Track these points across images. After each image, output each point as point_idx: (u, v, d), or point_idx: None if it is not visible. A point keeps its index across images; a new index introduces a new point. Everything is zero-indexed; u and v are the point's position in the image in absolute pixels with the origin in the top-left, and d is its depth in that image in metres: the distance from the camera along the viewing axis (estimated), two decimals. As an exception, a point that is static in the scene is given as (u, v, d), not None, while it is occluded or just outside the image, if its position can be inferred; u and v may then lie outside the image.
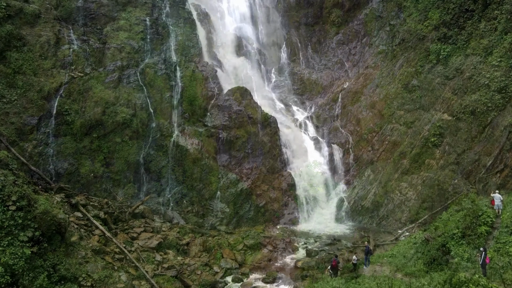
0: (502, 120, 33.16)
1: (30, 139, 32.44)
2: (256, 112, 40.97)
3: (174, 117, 39.68)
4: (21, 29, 34.83)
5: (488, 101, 34.43)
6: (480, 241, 17.19)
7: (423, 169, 37.68)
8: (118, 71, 38.27)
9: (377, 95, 47.36)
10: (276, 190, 39.51)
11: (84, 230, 24.22)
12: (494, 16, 38.47)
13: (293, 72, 54.21)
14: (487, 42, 37.35)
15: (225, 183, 37.89)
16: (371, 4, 59.49)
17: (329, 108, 48.87)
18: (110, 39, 40.70)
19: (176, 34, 44.65)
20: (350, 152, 43.84)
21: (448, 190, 34.31)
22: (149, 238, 27.31)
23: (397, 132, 41.90)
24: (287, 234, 35.62)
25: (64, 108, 34.16)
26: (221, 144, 38.96)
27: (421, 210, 35.59)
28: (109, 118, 35.90)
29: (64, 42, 37.68)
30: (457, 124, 36.99)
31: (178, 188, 37.13)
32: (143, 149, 37.19)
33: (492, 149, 32.56)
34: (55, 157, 33.15)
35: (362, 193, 40.92)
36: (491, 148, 32.71)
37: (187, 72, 42.00)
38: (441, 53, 42.61)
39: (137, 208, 31.93)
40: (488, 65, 35.96)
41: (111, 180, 35.18)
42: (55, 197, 25.56)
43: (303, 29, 60.70)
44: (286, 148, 41.95)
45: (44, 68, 34.91)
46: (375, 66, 53.99)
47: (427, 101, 42.81)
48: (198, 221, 35.50)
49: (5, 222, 17.86)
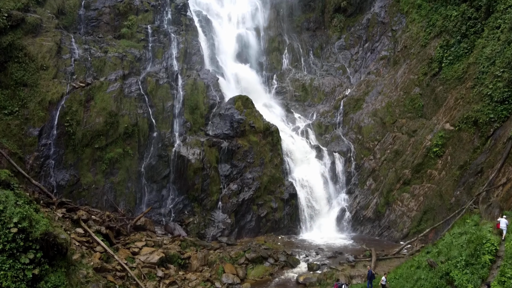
0: (505, 131, 32.95)
1: (32, 151, 32.45)
2: (258, 121, 40.88)
3: (176, 126, 39.62)
4: (22, 40, 34.78)
5: (491, 112, 34.18)
6: (484, 271, 17.08)
7: (425, 180, 37.56)
8: (120, 80, 38.20)
9: (379, 103, 47.23)
10: (278, 200, 39.43)
11: (86, 247, 24.20)
12: (497, 25, 38.12)
13: (295, 79, 54.08)
14: (490, 51, 37.04)
15: (227, 193, 37.84)
16: (373, 9, 59.28)
17: (331, 115, 48.76)
18: (112, 47, 40.65)
19: (178, 41, 44.57)
20: (351, 161, 43.74)
21: (450, 201, 34.17)
22: (150, 253, 27.29)
23: (399, 141, 41.78)
24: (288, 245, 35.54)
25: (65, 118, 34.12)
26: (223, 154, 38.89)
27: (423, 222, 35.48)
28: (111, 128, 35.87)
29: (66, 51, 37.63)
30: (459, 134, 36.79)
31: (179, 198, 37.11)
32: (145, 159, 37.18)
33: (495, 161, 32.35)
34: (57, 168, 33.16)
35: (363, 202, 40.85)
36: (494, 160, 32.50)
37: (189, 80, 41.91)
38: (444, 61, 42.38)
39: (139, 221, 31.91)
40: (491, 75, 35.65)
41: (113, 191, 35.15)
42: (57, 213, 25.55)
43: (305, 34, 60.57)
44: (287, 157, 41.87)
45: (46, 78, 34.87)
46: (377, 72, 53.84)
47: (429, 109, 42.67)
48: (200, 232, 35.48)
49: (6, 245, 17.80)
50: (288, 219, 39.60)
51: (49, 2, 39.99)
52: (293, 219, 39.97)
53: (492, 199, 25.54)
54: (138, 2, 44.49)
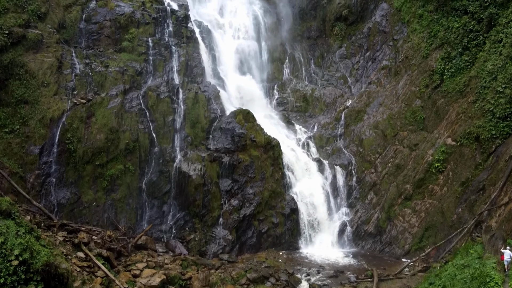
0: (507, 149, 32.85)
1: (33, 169, 32.45)
2: (259, 135, 40.84)
3: (177, 141, 39.61)
4: (23, 56, 34.78)
5: (493, 128, 34.05)
6: (488, 312, 17.09)
7: (427, 195, 37.49)
8: (121, 95, 38.18)
9: (380, 114, 47.14)
10: (279, 215, 39.40)
11: (87, 272, 24.21)
12: (499, 38, 37.92)
13: (296, 89, 54.03)
14: (492, 66, 36.85)
15: (228, 209, 37.83)
16: (374, 18, 59.12)
17: (332, 127, 48.69)
18: (113, 61, 40.61)
19: (179, 54, 44.51)
20: (353, 174, 43.67)
21: (452, 219, 34.12)
22: (151, 275, 27.26)
23: (400, 155, 41.69)
24: (290, 263, 35.51)
25: (66, 136, 34.09)
26: (224, 169, 38.86)
27: (424, 238, 35.44)
28: (112, 144, 35.86)
29: (67, 67, 37.60)
30: (461, 149, 36.70)
31: (180, 214, 37.12)
32: (146, 175, 37.17)
33: (497, 179, 32.26)
34: (57, 186, 33.16)
35: (365, 217, 40.78)
36: (496, 178, 32.41)
37: (189, 94, 41.89)
38: (445, 73, 42.21)
39: (140, 239, 31.89)
40: (493, 90, 35.47)
41: (114, 208, 35.17)
42: (58, 237, 25.57)
43: (305, 43, 60.52)
44: (288, 171, 41.82)
45: (47, 95, 34.85)
46: (378, 82, 53.76)
47: (431, 122, 42.54)
48: (201, 249, 35.48)
49: (8, 279, 17.78)
50: (289, 234, 39.57)
51: (50, 16, 39.94)
52: (294, 234, 39.94)
53: (494, 225, 25.43)
54: (139, 14, 44.40)
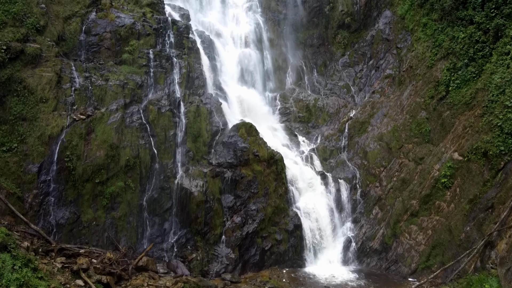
0: (516, 166, 32.05)
1: (31, 189, 31.72)
2: (262, 149, 40.09)
3: (178, 156, 38.87)
4: (21, 72, 34.02)
5: (501, 144, 33.23)
6: None
7: (433, 212, 36.68)
8: (121, 110, 37.46)
9: (385, 126, 46.39)
10: (283, 232, 38.66)
11: (86, 302, 23.58)
12: (506, 51, 37.11)
13: (299, 99, 53.30)
14: (499, 79, 36.03)
15: (230, 226, 37.10)
16: (378, 25, 58.51)
17: (336, 139, 47.95)
18: (113, 74, 39.87)
19: (180, 66, 43.75)
20: (357, 188, 42.91)
21: (460, 237, 33.30)
22: (153, 301, 26.61)
23: (406, 169, 40.90)
24: (294, 282, 34.76)
25: (65, 153, 33.34)
26: (226, 184, 38.13)
27: (431, 257, 34.64)
28: (112, 161, 35.12)
29: (66, 81, 36.83)
30: (468, 165, 35.88)
31: (182, 232, 36.40)
32: (146, 192, 36.44)
33: (506, 197, 31.41)
34: (56, 205, 32.41)
35: (370, 233, 40.00)
36: (505, 196, 31.56)
37: (191, 107, 41.16)
38: (451, 84, 41.42)
39: (140, 261, 31.20)
40: (501, 105, 34.66)
41: (114, 227, 34.43)
42: (56, 263, 24.87)
43: (308, 51, 59.79)
44: (292, 186, 41.08)
45: (45, 111, 34.12)
46: (381, 91, 53.05)
47: (437, 134, 41.74)
48: (203, 269, 34.73)
49: (3, 319, 17.17)
50: (292, 251, 38.80)
51: (49, 29, 39.18)
52: (297, 251, 39.17)
53: (504, 247, 24.67)
54: (140, 25, 43.64)
